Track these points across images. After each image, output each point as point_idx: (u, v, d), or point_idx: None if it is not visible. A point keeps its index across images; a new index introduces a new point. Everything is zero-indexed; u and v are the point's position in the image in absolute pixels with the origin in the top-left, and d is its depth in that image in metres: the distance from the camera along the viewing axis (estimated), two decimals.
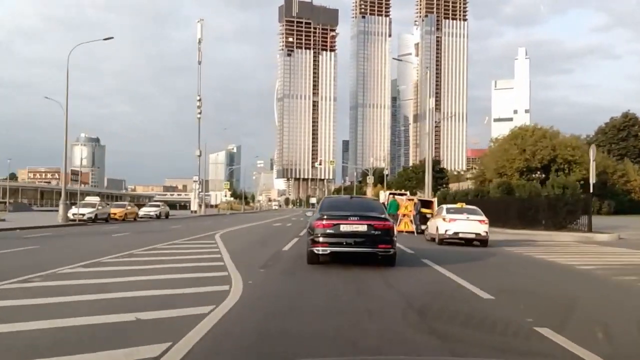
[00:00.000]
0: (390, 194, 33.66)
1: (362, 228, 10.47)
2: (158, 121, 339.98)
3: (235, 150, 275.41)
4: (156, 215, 42.96)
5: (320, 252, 10.54)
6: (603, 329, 5.78)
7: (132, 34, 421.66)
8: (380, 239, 10.45)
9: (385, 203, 32.40)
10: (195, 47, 68.84)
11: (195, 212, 61.27)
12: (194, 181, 55.57)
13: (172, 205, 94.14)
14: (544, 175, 52.47)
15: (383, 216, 10.99)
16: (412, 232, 24.69)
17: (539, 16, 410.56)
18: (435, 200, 27.09)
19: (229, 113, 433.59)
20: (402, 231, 24.76)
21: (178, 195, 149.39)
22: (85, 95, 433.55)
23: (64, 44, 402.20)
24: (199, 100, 66.14)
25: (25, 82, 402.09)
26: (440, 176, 58.07)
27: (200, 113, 65.83)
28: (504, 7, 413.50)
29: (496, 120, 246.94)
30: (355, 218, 10.57)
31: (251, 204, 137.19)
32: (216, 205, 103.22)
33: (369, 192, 73.52)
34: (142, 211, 43.30)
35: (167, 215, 45.77)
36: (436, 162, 62.24)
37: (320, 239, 10.44)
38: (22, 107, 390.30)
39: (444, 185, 57.09)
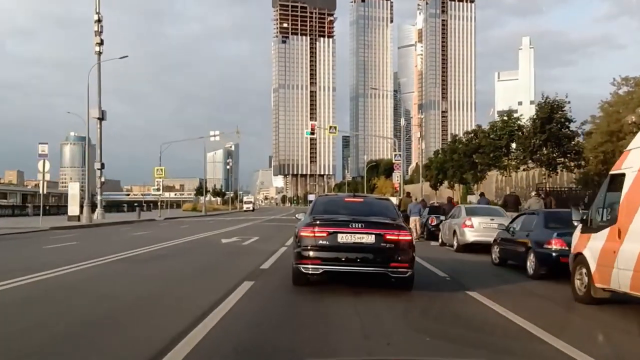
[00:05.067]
0: None
1: (369, 239, 6.69)
2: (156, 120, 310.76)
3: (233, 148, 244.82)
4: None
5: (310, 272, 6.76)
6: None
7: (128, 32, 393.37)
8: (394, 255, 6.66)
9: None
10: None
11: (79, 218, 29.97)
12: (40, 155, 23.32)
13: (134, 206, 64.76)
14: None
15: (397, 222, 7.05)
16: None
17: (542, 6, 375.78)
18: None
19: (229, 112, 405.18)
20: None
21: (174, 195, 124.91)
22: (80, 95, 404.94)
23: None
24: (98, 21, 35.01)
25: (17, 82, 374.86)
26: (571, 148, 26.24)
27: (101, 43, 34.73)
28: None
29: (500, 112, 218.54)
30: (359, 225, 6.75)
31: (236, 203, 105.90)
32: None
33: (395, 179, 42.21)
34: None
35: None
36: (559, 107, 30.29)
37: (311, 253, 6.74)
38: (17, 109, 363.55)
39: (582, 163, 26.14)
